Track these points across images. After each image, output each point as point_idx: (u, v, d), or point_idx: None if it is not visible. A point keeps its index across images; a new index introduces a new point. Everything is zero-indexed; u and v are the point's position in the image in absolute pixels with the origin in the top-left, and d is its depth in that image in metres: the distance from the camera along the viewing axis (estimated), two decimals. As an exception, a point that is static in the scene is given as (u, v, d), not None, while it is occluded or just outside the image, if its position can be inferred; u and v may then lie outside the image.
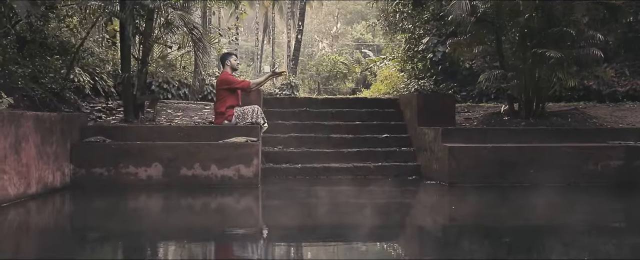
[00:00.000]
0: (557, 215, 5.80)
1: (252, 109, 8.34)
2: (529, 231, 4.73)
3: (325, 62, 36.25)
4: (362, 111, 10.46)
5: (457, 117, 10.51)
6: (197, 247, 4.00)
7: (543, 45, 8.92)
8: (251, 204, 6.98)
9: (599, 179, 7.80)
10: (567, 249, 4.04)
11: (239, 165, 7.67)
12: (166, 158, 7.58)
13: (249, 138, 7.86)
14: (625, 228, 5.02)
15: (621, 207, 6.63)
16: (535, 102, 9.62)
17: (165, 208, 6.54)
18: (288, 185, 8.09)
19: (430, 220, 5.89)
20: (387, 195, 7.24)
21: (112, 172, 7.52)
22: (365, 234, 4.77)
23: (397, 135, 9.80)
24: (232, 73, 8.68)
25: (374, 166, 9.06)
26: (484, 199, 6.94)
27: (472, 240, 4.53)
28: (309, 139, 9.65)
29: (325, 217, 5.54)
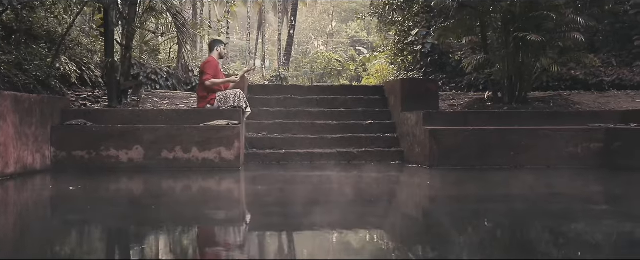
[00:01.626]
0: (530, 196, 5.78)
1: (234, 93, 8.35)
2: (498, 212, 4.71)
3: (319, 59, 36.36)
4: (347, 98, 10.48)
5: (442, 104, 10.55)
6: (172, 230, 3.98)
7: (525, 31, 8.96)
8: (231, 186, 6.96)
9: (579, 161, 7.84)
10: (531, 231, 4.04)
11: (220, 148, 7.69)
12: (147, 141, 7.60)
13: (230, 121, 7.88)
14: (594, 210, 5.00)
15: (596, 189, 6.61)
16: (518, 88, 9.65)
17: (143, 190, 6.52)
18: (270, 169, 8.10)
19: (401, 202, 5.86)
20: (364, 179, 7.20)
21: (93, 155, 7.54)
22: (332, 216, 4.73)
23: (382, 122, 9.83)
24: (218, 60, 8.69)
25: (357, 152, 9.09)
26: (460, 180, 6.92)
27: (434, 222, 4.52)
28: (294, 125, 9.68)
29: (299, 200, 5.52)
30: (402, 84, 9.55)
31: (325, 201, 5.42)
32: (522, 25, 9.04)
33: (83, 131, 7.62)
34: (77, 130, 7.63)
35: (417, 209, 5.34)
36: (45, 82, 10.38)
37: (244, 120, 8.69)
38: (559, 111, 9.39)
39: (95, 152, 7.54)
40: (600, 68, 14.18)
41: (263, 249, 3.43)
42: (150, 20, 9.17)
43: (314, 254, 3.34)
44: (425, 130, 7.99)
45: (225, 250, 3.28)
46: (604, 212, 4.75)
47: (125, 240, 3.67)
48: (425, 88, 9.54)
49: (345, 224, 4.21)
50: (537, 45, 8.82)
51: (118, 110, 8.37)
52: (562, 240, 3.56)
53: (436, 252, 3.26)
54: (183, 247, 3.49)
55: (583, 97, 11.03)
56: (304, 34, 56.08)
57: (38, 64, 10.34)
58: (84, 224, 4.11)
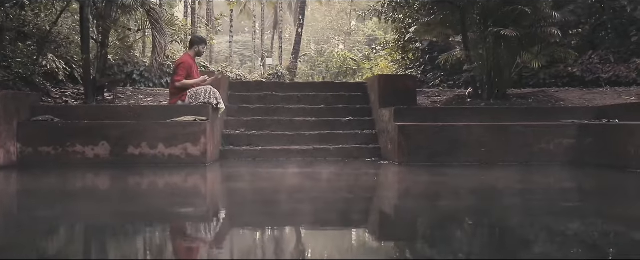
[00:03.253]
0: (486, 194, 5.61)
1: (205, 89, 8.30)
2: (447, 211, 4.59)
3: (335, 58, 36.30)
4: (328, 95, 10.41)
5: (426, 101, 10.44)
6: (124, 224, 3.93)
7: (503, 26, 8.82)
8: (190, 183, 6.88)
9: (551, 158, 7.71)
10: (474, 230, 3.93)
11: (186, 144, 7.67)
12: (113, 137, 7.59)
13: (197, 117, 7.85)
14: (549, 208, 4.86)
15: (556, 185, 6.45)
16: (498, 84, 9.50)
17: (101, 185, 6.51)
18: (239, 166, 8.05)
19: (347, 199, 5.70)
20: (326, 175, 7.09)
21: (59, 151, 7.55)
22: (255, 211, 4.66)
23: (361, 118, 9.75)
24: (195, 58, 8.65)
25: (333, 148, 9.03)
26: (422, 177, 6.84)
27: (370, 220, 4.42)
28: (272, 122, 9.64)
29: (256, 196, 5.44)
30: (380, 80, 9.46)
31: (258, 200, 5.35)
32: (498, 21, 8.89)
33: (49, 127, 7.63)
34: (44, 126, 7.64)
35: (346, 206, 5.16)
36: (29, 79, 10.47)
37: (217, 117, 8.67)
38: (535, 107, 9.24)
39: (62, 148, 7.55)
40: (598, 65, 13.99)
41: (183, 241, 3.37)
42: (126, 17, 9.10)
43: (242, 248, 3.25)
44: (395, 126, 7.90)
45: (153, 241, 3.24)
46: (551, 207, 4.57)
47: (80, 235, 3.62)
48: (403, 84, 9.44)
49: (258, 219, 4.14)
50: (515, 41, 8.67)
51: (86, 107, 8.40)
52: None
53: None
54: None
55: (570, 93, 10.84)
56: (322, 33, 55.97)
57: (20, 61, 10.44)
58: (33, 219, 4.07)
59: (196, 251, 3.12)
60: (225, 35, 38.28)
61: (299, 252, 3.06)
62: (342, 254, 3.06)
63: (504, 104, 9.22)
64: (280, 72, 19.95)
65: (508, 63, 9.40)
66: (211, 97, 8.29)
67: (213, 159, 8.18)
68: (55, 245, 3.12)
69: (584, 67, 13.88)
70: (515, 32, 8.28)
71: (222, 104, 8.63)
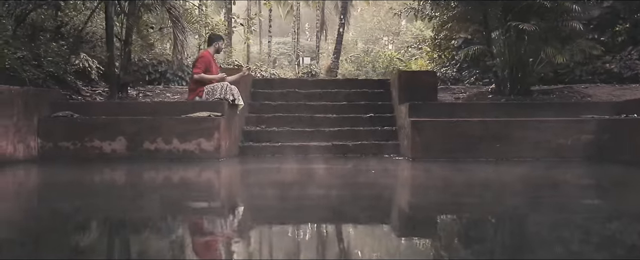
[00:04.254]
0: (492, 192, 5.39)
1: (221, 85, 8.40)
2: (432, 207, 4.52)
3: (381, 58, 36.20)
4: (350, 92, 10.41)
5: (449, 97, 10.33)
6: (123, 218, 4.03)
7: (524, 20, 8.65)
8: (199, 177, 6.86)
9: (569, 154, 7.53)
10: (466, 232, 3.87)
11: (200, 139, 7.76)
12: (130, 132, 7.74)
13: (212, 113, 7.93)
14: (548, 206, 4.72)
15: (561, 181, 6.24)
16: (520, 80, 9.33)
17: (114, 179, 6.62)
18: (254, 162, 8.09)
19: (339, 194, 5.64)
20: (327, 171, 7.01)
21: (78, 146, 7.73)
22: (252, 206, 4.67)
23: (382, 115, 9.71)
24: (214, 55, 8.79)
25: (352, 145, 9.02)
26: (426, 173, 6.75)
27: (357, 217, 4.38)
28: (293, 119, 9.68)
29: (259, 191, 5.46)
30: (400, 77, 9.40)
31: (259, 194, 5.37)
32: (519, 15, 8.72)
33: (69, 123, 7.83)
34: (63, 122, 7.84)
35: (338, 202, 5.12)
36: (60, 78, 10.76)
37: (236, 113, 8.75)
38: (556, 103, 9.03)
39: (80, 143, 7.73)
40: (637, 61, 13.59)
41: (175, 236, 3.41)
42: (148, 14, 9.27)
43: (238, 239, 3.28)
44: (409, 121, 7.84)
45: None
46: (560, 204, 4.44)
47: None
48: (422, 80, 9.35)
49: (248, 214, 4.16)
50: (536, 35, 8.49)
51: (105, 103, 8.59)
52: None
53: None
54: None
55: (599, 89, 10.57)
56: (370, 33, 55.88)
57: (52, 60, 10.74)
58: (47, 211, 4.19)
59: (195, 240, 3.15)
60: (274, 37, 38.59)
61: (285, 245, 3.05)
62: (322, 247, 3.05)
63: (524, 99, 9.05)
64: (314, 70, 19.97)
65: (531, 58, 9.20)
66: (227, 93, 8.38)
67: (229, 154, 8.26)
68: (72, 237, 3.18)
69: (622, 63, 13.50)
70: (534, 26, 8.10)
71: (240, 100, 8.71)
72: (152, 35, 10.17)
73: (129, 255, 2.75)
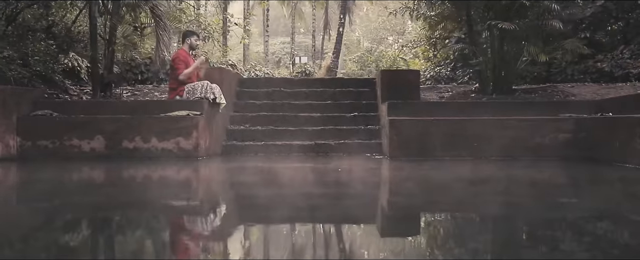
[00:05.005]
0: (454, 190, 5.39)
1: (202, 84, 8.41)
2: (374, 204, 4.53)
3: (384, 57, 36.17)
4: (336, 91, 10.41)
5: (434, 95, 10.33)
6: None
7: (508, 19, 8.64)
8: (173, 175, 6.84)
9: (546, 152, 7.52)
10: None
11: (178, 138, 7.79)
12: (108, 131, 7.77)
13: (191, 112, 7.96)
14: (519, 204, 4.71)
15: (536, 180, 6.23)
16: (503, 78, 9.31)
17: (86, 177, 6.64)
18: (235, 160, 8.10)
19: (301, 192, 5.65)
20: (302, 170, 7.02)
21: (57, 145, 7.76)
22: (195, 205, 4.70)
23: (367, 114, 9.70)
24: (189, 52, 8.79)
25: (335, 143, 9.01)
26: (401, 172, 6.73)
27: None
28: (277, 118, 9.68)
29: (229, 190, 5.47)
30: (383, 76, 9.40)
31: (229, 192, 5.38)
32: (501, 14, 8.71)
33: (48, 121, 7.86)
34: (42, 120, 7.87)
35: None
36: (48, 77, 10.82)
37: (218, 111, 8.76)
38: (537, 101, 9.01)
39: (59, 142, 7.76)
40: (628, 60, 13.56)
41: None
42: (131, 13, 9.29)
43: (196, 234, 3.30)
44: (387, 120, 7.85)
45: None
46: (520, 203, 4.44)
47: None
48: (405, 79, 9.36)
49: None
50: (518, 34, 8.48)
51: (85, 102, 8.63)
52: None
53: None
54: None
55: (585, 88, 10.54)
56: (375, 33, 55.96)
57: (39, 59, 10.81)
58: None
59: (152, 237, 3.17)
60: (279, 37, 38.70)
61: (240, 243, 3.06)
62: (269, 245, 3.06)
63: (506, 98, 9.03)
64: (308, 70, 19.99)
65: (513, 57, 9.20)
66: (208, 91, 8.39)
67: (210, 153, 8.28)
68: (46, 234, 3.20)
69: (614, 62, 13.47)
70: (514, 25, 8.08)
71: (223, 99, 8.71)
72: (135, 34, 10.17)
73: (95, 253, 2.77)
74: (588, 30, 14.21)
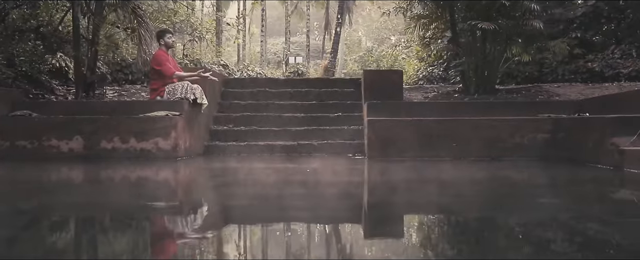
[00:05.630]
0: (421, 191, 5.37)
1: (182, 84, 8.40)
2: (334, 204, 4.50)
3: (385, 57, 36.14)
4: (321, 91, 10.40)
5: (419, 95, 10.30)
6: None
7: (490, 19, 8.61)
8: (148, 176, 6.81)
9: (525, 152, 7.49)
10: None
11: (157, 138, 7.77)
12: (87, 131, 7.75)
13: (170, 112, 7.94)
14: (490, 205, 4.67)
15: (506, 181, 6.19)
16: (486, 78, 9.28)
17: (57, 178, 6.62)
18: (215, 160, 8.09)
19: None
20: (276, 170, 7.01)
21: (36, 145, 7.74)
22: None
23: (350, 114, 9.69)
24: (167, 51, 8.76)
25: (318, 144, 9.01)
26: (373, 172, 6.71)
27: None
28: (261, 118, 9.68)
29: (204, 191, 5.46)
30: (366, 76, 9.38)
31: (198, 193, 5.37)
32: (483, 14, 8.68)
33: (26, 122, 7.85)
34: (21, 121, 7.87)
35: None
36: (34, 77, 10.83)
37: (200, 112, 8.74)
38: (519, 102, 8.98)
39: (38, 142, 7.74)
40: (619, 60, 13.52)
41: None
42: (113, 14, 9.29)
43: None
44: (366, 120, 7.83)
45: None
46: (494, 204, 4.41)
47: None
48: (388, 79, 9.34)
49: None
50: (501, 35, 8.45)
51: (65, 102, 8.62)
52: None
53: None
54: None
55: (570, 88, 10.52)
56: (377, 32, 55.95)
57: (25, 59, 10.82)
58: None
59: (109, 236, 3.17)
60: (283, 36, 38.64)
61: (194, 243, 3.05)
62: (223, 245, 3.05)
63: (488, 98, 9.00)
64: (300, 70, 19.98)
65: (496, 57, 9.16)
66: (188, 92, 8.38)
67: (191, 153, 8.27)
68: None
69: (604, 62, 13.44)
70: (493, 25, 8.05)
71: (204, 100, 8.69)
72: (118, 34, 10.18)
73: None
74: (579, 30, 14.18)
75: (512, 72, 13.64)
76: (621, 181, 5.37)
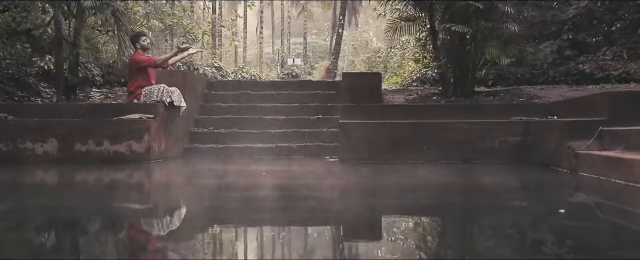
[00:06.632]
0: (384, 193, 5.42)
1: (158, 87, 8.45)
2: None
3: (393, 58, 36.10)
4: (303, 93, 10.43)
5: (400, 98, 10.29)
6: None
7: (467, 22, 8.60)
8: (115, 179, 6.85)
9: (496, 156, 7.47)
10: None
11: (130, 141, 7.82)
12: (61, 134, 7.81)
13: (144, 115, 8.00)
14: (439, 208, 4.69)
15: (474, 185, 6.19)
16: (464, 81, 9.27)
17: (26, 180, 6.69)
18: (189, 163, 8.13)
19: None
20: (245, 173, 7.05)
21: (11, 147, 7.81)
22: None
23: (331, 117, 9.69)
24: (143, 53, 8.82)
25: (296, 146, 9.05)
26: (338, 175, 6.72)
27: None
28: (241, 120, 9.73)
29: (172, 192, 5.52)
30: (345, 78, 9.40)
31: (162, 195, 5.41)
32: (460, 16, 8.67)
33: (1, 124, 7.92)
34: (-4, 123, 7.94)
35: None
36: (20, 80, 10.94)
37: (178, 114, 8.79)
38: (494, 104, 8.94)
39: (13, 145, 7.81)
40: (609, 62, 13.46)
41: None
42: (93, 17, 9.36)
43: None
44: (339, 123, 7.85)
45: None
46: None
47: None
48: (367, 82, 9.36)
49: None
50: (479, 37, 8.44)
51: (41, 105, 8.71)
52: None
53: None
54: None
55: (551, 90, 10.51)
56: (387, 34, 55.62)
57: (10, 62, 10.93)
58: None
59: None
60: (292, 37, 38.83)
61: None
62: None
63: (464, 101, 8.99)
64: (294, 71, 20.02)
65: (473, 60, 9.15)
66: (165, 95, 8.43)
67: (167, 156, 8.32)
68: None
69: (595, 64, 13.37)
70: (467, 28, 8.05)
71: (183, 103, 8.75)
72: (99, 37, 10.26)
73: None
74: (571, 32, 14.12)
75: (504, 73, 13.60)
76: (568, 185, 5.38)
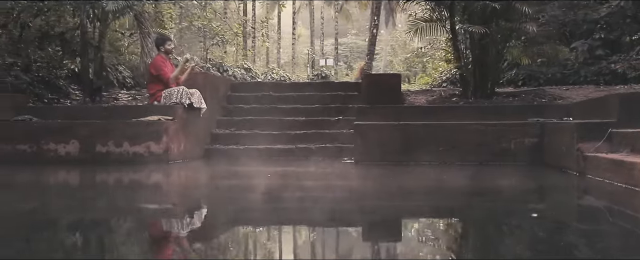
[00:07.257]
0: (393, 196, 5.42)
1: (178, 89, 8.56)
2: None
3: (433, 58, 35.94)
4: (325, 94, 10.45)
5: (420, 99, 10.24)
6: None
7: (486, 23, 8.53)
8: (133, 179, 7.00)
9: (512, 157, 7.41)
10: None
11: (149, 142, 7.95)
12: (82, 135, 7.99)
13: (163, 116, 8.12)
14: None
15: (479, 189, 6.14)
16: (484, 82, 9.18)
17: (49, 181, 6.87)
18: (209, 164, 8.27)
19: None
20: (247, 174, 7.09)
21: (35, 148, 8.02)
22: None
23: (351, 118, 9.68)
24: (166, 57, 8.94)
25: (315, 147, 9.07)
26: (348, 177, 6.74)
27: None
28: (262, 122, 9.79)
29: (184, 193, 5.62)
30: (365, 80, 9.40)
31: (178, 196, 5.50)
32: (477, 17, 8.60)
33: (26, 126, 8.13)
34: (21, 125, 8.15)
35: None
36: (51, 82, 11.19)
37: (199, 115, 8.90)
38: (513, 105, 8.83)
39: (37, 146, 8.02)
40: (633, 62, 13.17)
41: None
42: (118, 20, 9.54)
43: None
44: (354, 125, 7.86)
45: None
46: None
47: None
48: (387, 83, 9.35)
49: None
50: (500, 38, 8.35)
51: (66, 107, 8.89)
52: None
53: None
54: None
55: (580, 90, 10.32)
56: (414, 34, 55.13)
57: (41, 65, 11.19)
58: None
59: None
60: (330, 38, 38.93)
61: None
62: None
63: (483, 102, 8.90)
64: (324, 72, 20.05)
65: (494, 60, 9.06)
66: (184, 97, 8.54)
67: (186, 157, 8.44)
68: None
69: (628, 63, 13.11)
70: (484, 29, 7.98)
71: (203, 104, 8.85)
72: (123, 40, 10.44)
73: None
74: (603, 31, 13.87)
75: (534, 74, 13.42)
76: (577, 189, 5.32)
